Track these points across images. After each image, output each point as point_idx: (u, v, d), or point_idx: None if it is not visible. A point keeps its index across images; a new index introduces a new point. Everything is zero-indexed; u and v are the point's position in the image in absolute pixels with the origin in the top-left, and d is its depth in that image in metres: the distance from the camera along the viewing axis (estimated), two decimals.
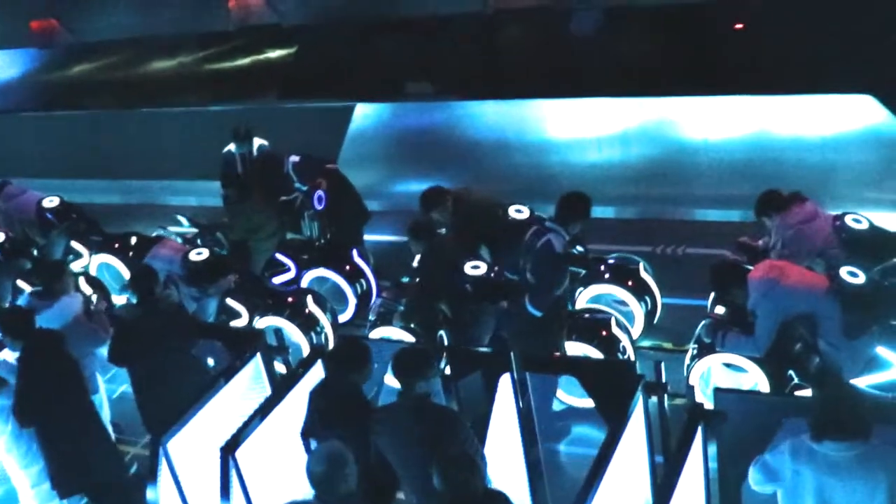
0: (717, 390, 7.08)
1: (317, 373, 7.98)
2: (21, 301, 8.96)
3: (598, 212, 12.55)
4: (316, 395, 7.21)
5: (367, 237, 12.30)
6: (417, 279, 9.80)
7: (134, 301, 9.52)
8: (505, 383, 7.47)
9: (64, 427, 8.08)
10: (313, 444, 7.11)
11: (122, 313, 8.71)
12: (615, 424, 6.79)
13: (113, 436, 9.40)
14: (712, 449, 6.85)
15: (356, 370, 6.96)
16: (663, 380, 7.19)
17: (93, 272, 12.15)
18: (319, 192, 11.56)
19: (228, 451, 7.04)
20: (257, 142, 12.57)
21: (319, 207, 11.63)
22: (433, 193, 10.29)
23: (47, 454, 8.17)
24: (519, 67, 14.55)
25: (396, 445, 6.66)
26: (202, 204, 15.77)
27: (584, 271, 10.25)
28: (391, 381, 7.26)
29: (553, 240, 8.52)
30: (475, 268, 9.57)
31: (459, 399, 7.51)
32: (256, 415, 7.42)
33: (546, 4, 12.29)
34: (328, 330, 10.40)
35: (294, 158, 11.93)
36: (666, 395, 7.20)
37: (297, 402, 7.64)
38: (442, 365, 7.41)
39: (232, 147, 12.42)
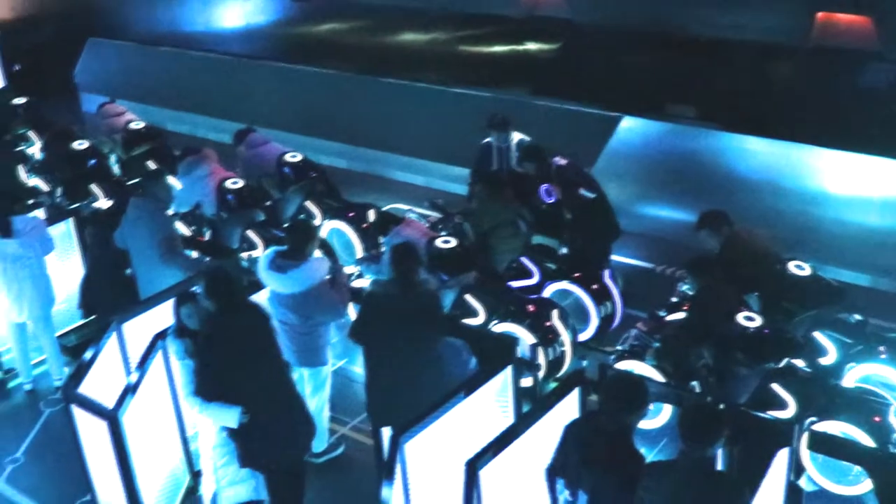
0: None
1: (572, 400, 7.37)
2: (266, 257, 8.54)
3: (870, 281, 11.67)
4: (578, 429, 6.52)
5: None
6: (682, 317, 9.05)
7: (383, 277, 9.08)
8: (782, 458, 6.73)
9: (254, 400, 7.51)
10: (559, 484, 6.45)
11: (376, 289, 8.16)
12: None
13: (328, 414, 9.04)
14: None
15: (634, 411, 6.24)
16: None
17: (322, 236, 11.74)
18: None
19: (474, 467, 6.47)
20: (517, 136, 11.92)
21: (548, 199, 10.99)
22: (715, 215, 9.65)
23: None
24: (797, 108, 13.55)
25: None
26: (429, 185, 15.33)
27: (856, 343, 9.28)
28: None
29: None
30: (749, 319, 8.72)
31: (734, 465, 6.74)
32: (506, 435, 6.82)
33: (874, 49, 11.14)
34: (567, 348, 9.75)
35: (560, 161, 11.20)
36: None
37: (546, 429, 7.04)
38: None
39: (491, 139, 11.79)
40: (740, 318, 8.74)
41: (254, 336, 7.54)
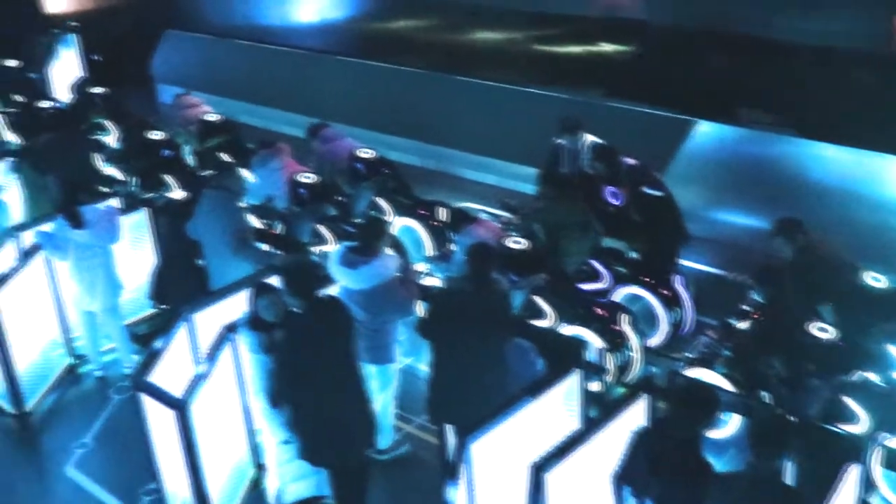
0: None
1: (640, 406, 7.29)
2: (337, 252, 8.55)
3: None
4: (647, 437, 6.44)
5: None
6: (753, 326, 8.91)
7: (453, 275, 9.07)
8: (853, 474, 6.59)
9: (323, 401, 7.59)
10: (626, 491, 6.37)
11: (448, 285, 8.14)
12: None
13: (394, 411, 9.03)
14: None
15: (703, 420, 6.16)
16: None
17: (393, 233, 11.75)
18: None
19: (540, 471, 6.43)
20: (588, 137, 11.82)
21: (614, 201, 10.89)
22: (791, 222, 9.40)
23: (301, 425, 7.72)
24: (876, 116, 13.23)
25: None
26: (500, 185, 15.26)
27: None
28: None
29: None
30: (822, 330, 8.57)
31: (803, 479, 6.63)
32: (573, 439, 6.77)
33: None
34: (636, 353, 9.66)
35: (629, 161, 11.08)
36: None
37: (613, 435, 6.97)
38: None
39: (562, 140, 11.71)
40: (813, 328, 8.60)
41: (334, 333, 7.55)
